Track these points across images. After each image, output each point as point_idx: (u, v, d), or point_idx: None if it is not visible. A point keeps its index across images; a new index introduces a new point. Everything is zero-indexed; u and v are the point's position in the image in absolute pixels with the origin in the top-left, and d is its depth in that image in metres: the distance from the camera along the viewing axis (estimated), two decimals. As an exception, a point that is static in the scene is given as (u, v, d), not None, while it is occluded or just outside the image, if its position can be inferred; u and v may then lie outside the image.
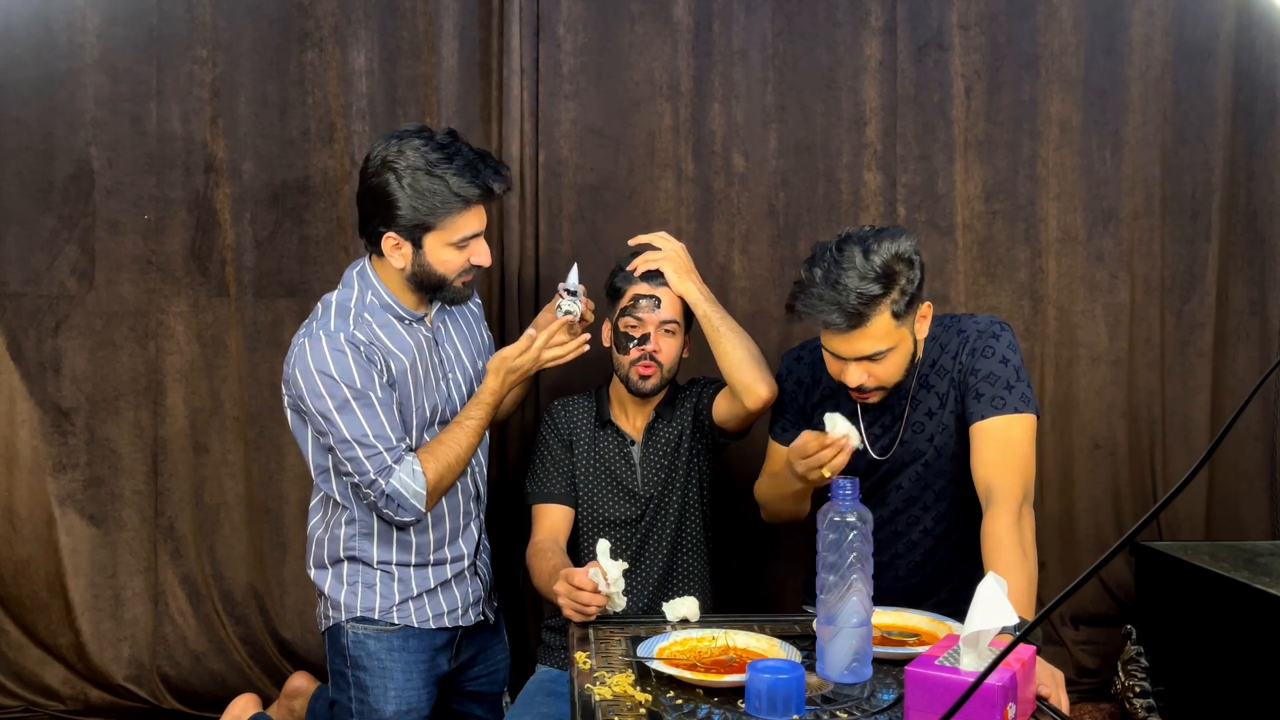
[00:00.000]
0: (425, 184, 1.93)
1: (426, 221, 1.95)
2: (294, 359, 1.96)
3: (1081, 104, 2.78)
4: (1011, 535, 1.77)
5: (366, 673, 2.04)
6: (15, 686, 2.61)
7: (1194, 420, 2.88)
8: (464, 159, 1.96)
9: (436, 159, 1.93)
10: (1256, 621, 2.26)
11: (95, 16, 2.54)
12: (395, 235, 1.97)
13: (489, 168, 1.98)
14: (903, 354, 1.91)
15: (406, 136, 1.96)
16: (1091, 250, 2.82)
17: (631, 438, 2.24)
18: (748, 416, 2.13)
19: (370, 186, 1.97)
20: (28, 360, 2.58)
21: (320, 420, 1.93)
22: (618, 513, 2.22)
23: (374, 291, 2.02)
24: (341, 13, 2.57)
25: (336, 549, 2.07)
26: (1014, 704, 1.35)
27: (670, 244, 2.18)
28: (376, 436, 1.92)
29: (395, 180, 1.93)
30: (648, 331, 2.14)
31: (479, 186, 1.96)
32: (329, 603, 2.09)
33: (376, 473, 1.92)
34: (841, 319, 1.83)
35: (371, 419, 1.92)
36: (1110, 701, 2.74)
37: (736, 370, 2.08)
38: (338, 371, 1.91)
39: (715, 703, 1.50)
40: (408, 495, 1.94)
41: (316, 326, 1.96)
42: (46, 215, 2.56)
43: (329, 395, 1.91)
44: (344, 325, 1.95)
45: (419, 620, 2.07)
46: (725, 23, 2.66)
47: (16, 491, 2.60)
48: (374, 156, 1.97)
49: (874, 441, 2.03)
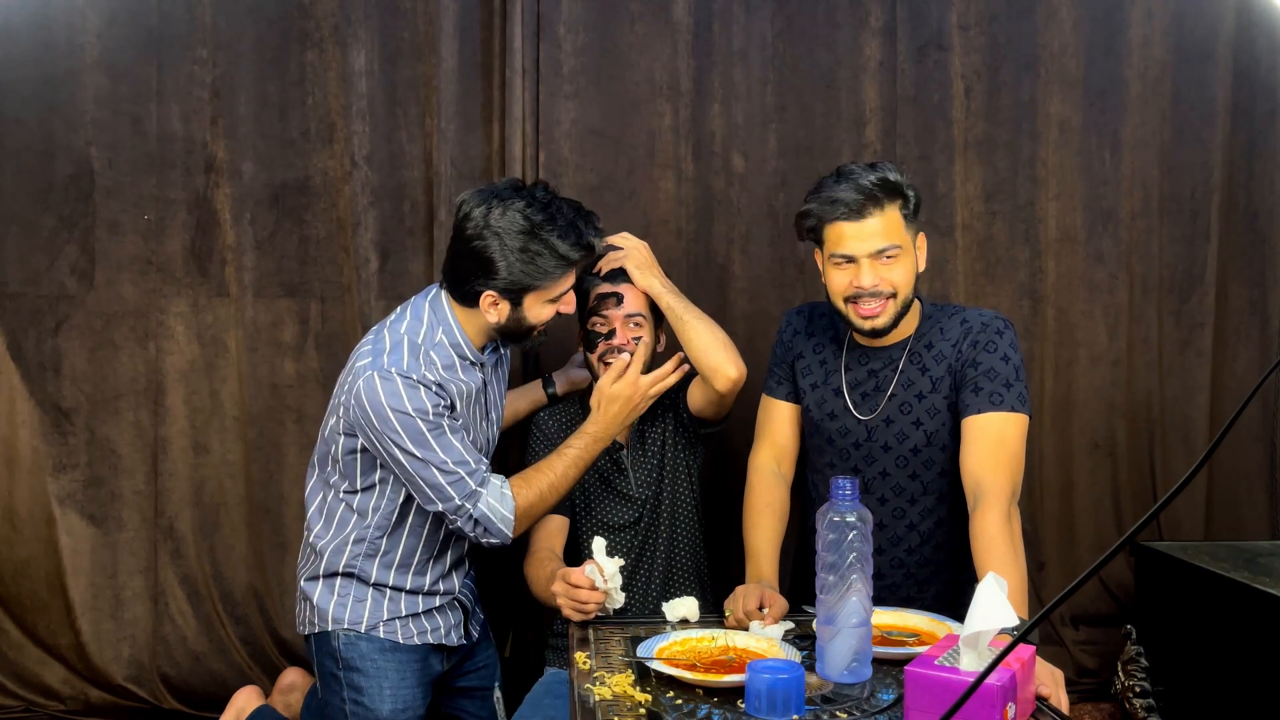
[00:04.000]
0: (533, 248, 1.92)
1: (531, 285, 1.95)
2: (362, 393, 1.92)
3: (1081, 104, 2.78)
4: (1004, 534, 1.77)
5: (361, 674, 2.03)
6: (15, 686, 2.61)
7: (1193, 420, 2.88)
8: (565, 219, 1.94)
9: (540, 221, 1.92)
10: (1256, 621, 2.26)
11: (95, 16, 2.54)
12: (495, 294, 1.96)
13: (589, 225, 1.97)
14: (910, 265, 1.94)
15: (508, 198, 1.94)
16: (1091, 250, 2.82)
17: (619, 442, 2.25)
18: (720, 400, 2.14)
19: (472, 249, 1.94)
20: (28, 360, 2.58)
21: (396, 454, 1.91)
22: (615, 518, 2.23)
23: (445, 329, 2.00)
24: (341, 13, 2.57)
25: (337, 564, 2.05)
26: (1014, 704, 1.35)
27: (631, 242, 2.22)
28: (457, 463, 1.92)
29: (499, 245, 1.92)
30: (613, 327, 2.18)
31: (582, 247, 1.96)
32: (316, 612, 2.07)
33: (463, 498, 1.92)
34: (858, 197, 1.89)
35: (448, 447, 1.91)
36: (1110, 701, 2.74)
37: (704, 354, 2.10)
38: (413, 407, 1.89)
39: (715, 703, 1.50)
40: (495, 520, 1.94)
41: (388, 362, 1.92)
42: (46, 215, 2.56)
43: (405, 431, 1.89)
44: (416, 365, 1.93)
45: (404, 637, 2.06)
46: (725, 23, 2.66)
47: (16, 491, 2.60)
48: (474, 216, 1.94)
49: (861, 403, 2.02)
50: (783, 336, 2.15)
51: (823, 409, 2.05)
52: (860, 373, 2.02)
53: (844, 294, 1.94)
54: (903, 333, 2.00)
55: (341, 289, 2.62)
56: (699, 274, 2.67)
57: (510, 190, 1.96)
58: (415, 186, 2.62)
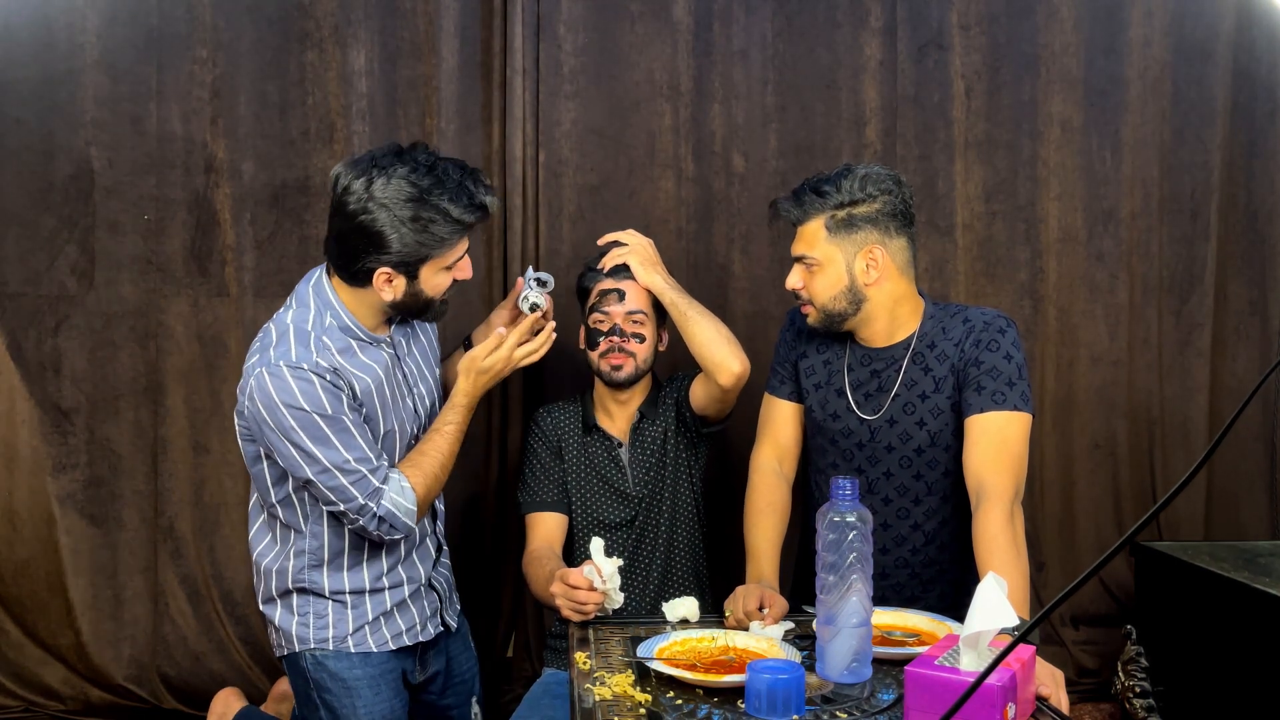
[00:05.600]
0: (425, 215, 1.80)
1: (426, 255, 1.84)
2: (253, 391, 1.80)
3: (1081, 104, 2.78)
4: (1006, 533, 1.76)
5: (332, 694, 1.95)
6: (15, 686, 2.61)
7: (1193, 421, 2.88)
8: (454, 180, 1.82)
9: (428, 186, 1.80)
10: (1256, 621, 2.26)
11: (95, 16, 2.54)
12: (389, 270, 1.84)
13: (479, 184, 1.86)
14: (831, 278, 1.95)
15: (388, 165, 1.81)
16: (1091, 250, 2.82)
17: (618, 440, 2.24)
18: (724, 397, 2.14)
19: (358, 225, 1.80)
20: (28, 360, 2.58)
21: (292, 453, 1.80)
22: (611, 516, 2.22)
23: (333, 313, 1.88)
24: (341, 13, 2.57)
25: (285, 581, 1.95)
26: (1014, 704, 1.35)
27: (635, 239, 2.22)
28: (359, 460, 1.82)
29: (388, 216, 1.79)
30: (615, 323, 2.17)
31: (475, 208, 1.85)
32: (281, 634, 1.98)
33: (365, 497, 1.83)
34: (788, 205, 1.98)
35: (349, 443, 1.81)
36: (1110, 701, 2.74)
37: (707, 349, 2.09)
38: (307, 402, 1.78)
39: (715, 703, 1.50)
40: (400, 514, 1.86)
41: (275, 356, 1.80)
42: (46, 215, 2.56)
43: (300, 428, 1.78)
44: (306, 354, 1.81)
45: (377, 644, 1.97)
46: (725, 23, 2.66)
47: (16, 491, 2.60)
48: (354, 190, 1.80)
49: (864, 403, 2.02)
50: (786, 336, 2.15)
51: (826, 409, 2.04)
52: (863, 373, 2.02)
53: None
54: (905, 332, 2.00)
55: (341, 289, 2.61)
56: (699, 274, 2.67)
57: (390, 157, 1.82)
58: (415, 186, 2.62)
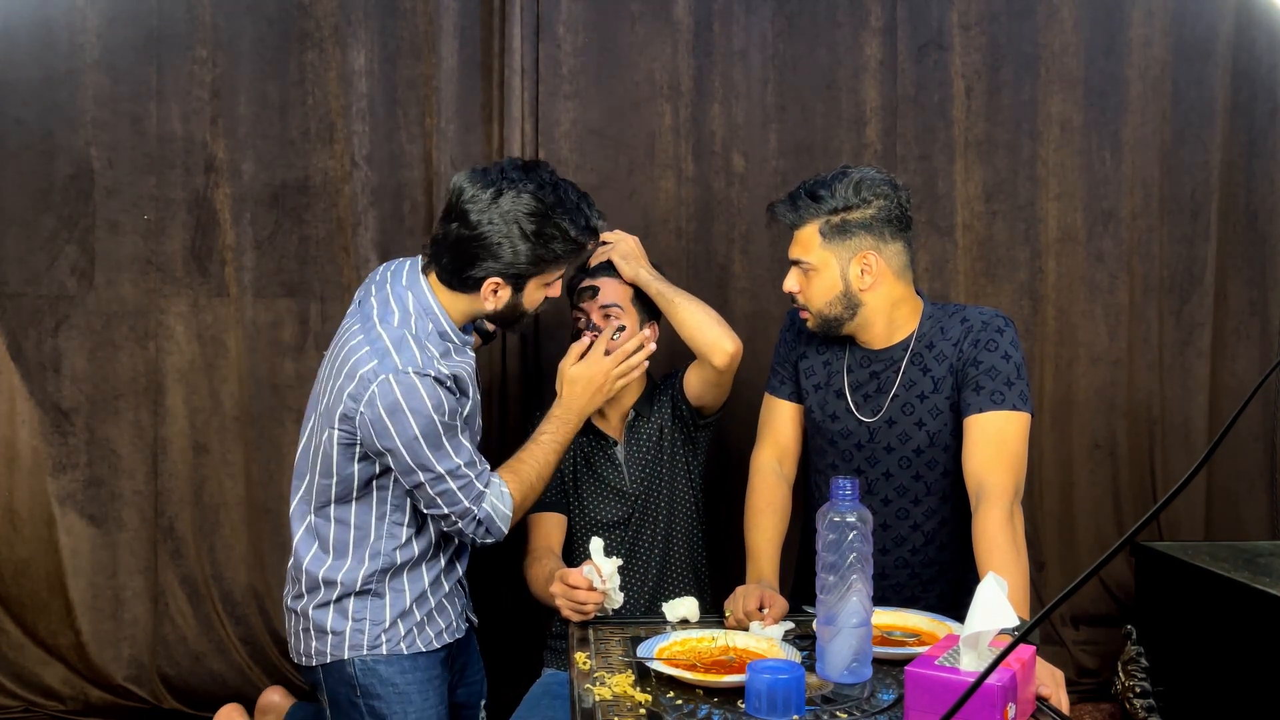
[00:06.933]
0: (547, 232, 1.85)
1: (537, 269, 1.89)
2: (376, 398, 1.79)
3: (1081, 104, 2.78)
4: (1006, 533, 1.76)
5: (381, 700, 1.92)
6: (15, 686, 2.61)
7: (1193, 420, 2.88)
8: (571, 201, 1.88)
9: (553, 203, 1.85)
10: (1256, 621, 2.26)
11: (95, 16, 2.54)
12: (499, 280, 1.88)
13: (591, 207, 1.92)
14: (826, 284, 1.95)
15: (518, 180, 1.85)
16: (1091, 250, 2.82)
17: (613, 439, 2.24)
18: (719, 380, 2.14)
19: (480, 234, 1.84)
20: (28, 360, 2.58)
21: (409, 459, 1.81)
22: (608, 514, 2.22)
23: (432, 318, 1.90)
24: (341, 13, 2.57)
25: (352, 585, 1.92)
26: (1014, 704, 1.35)
27: (619, 236, 2.24)
28: (467, 464, 1.86)
29: (511, 230, 1.84)
30: (590, 319, 2.18)
31: (590, 230, 1.91)
32: (329, 641, 1.93)
33: (471, 501, 1.86)
34: (784, 209, 1.97)
35: (459, 448, 1.85)
36: (1110, 701, 2.74)
37: (698, 332, 2.10)
38: (433, 408, 1.80)
39: (715, 703, 1.50)
40: (497, 519, 1.89)
41: (401, 362, 1.81)
42: (46, 215, 2.56)
43: (424, 436, 1.80)
44: (429, 360, 1.83)
45: (424, 644, 1.96)
46: (725, 23, 2.66)
47: (16, 491, 2.60)
48: (480, 200, 1.85)
49: (863, 404, 2.02)
50: (786, 336, 2.15)
51: (825, 410, 2.04)
52: (862, 374, 2.02)
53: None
54: (904, 333, 2.00)
55: (341, 289, 2.61)
56: (699, 274, 2.67)
57: (518, 172, 1.87)
58: (415, 186, 2.62)
